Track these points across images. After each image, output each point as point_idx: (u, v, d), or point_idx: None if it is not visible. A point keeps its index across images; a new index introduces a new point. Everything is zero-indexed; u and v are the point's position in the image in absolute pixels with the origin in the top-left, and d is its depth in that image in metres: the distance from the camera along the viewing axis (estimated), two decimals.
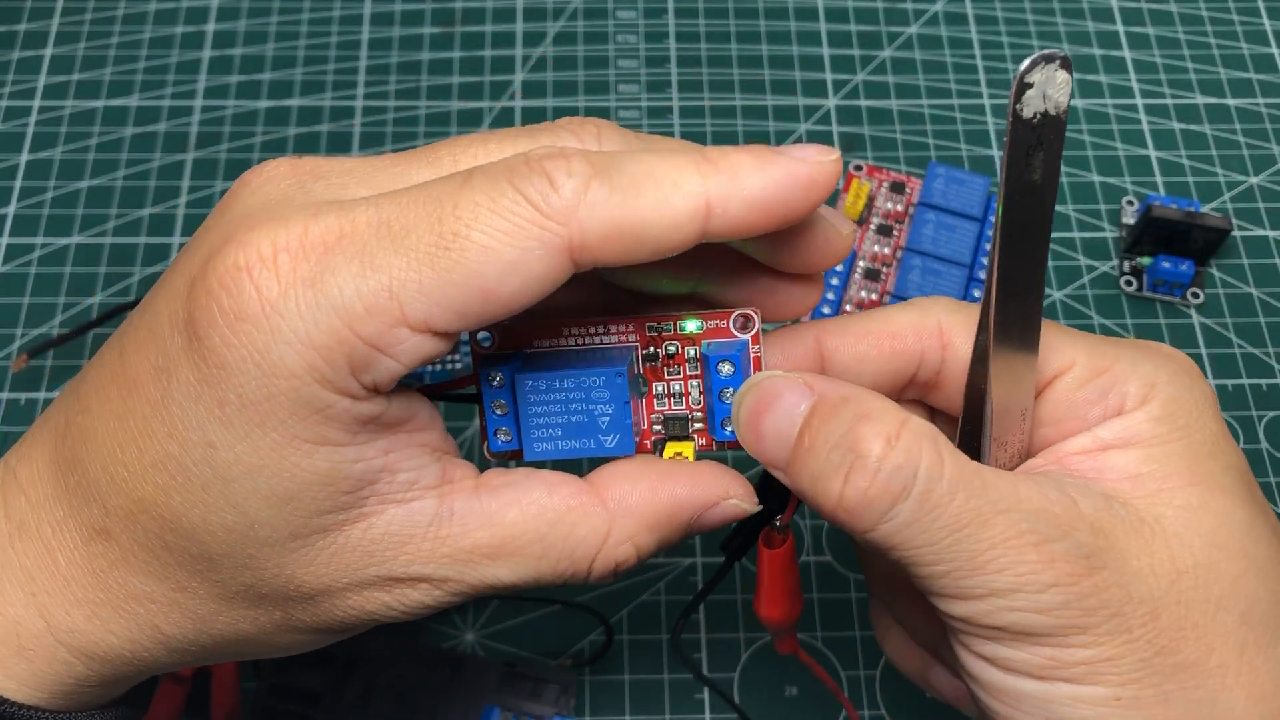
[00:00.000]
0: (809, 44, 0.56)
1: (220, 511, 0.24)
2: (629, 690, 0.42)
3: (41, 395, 0.46)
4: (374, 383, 0.23)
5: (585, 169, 0.22)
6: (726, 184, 0.23)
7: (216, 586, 0.25)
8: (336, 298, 0.22)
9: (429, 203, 0.23)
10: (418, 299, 0.22)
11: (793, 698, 0.42)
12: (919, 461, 0.23)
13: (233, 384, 0.23)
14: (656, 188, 0.23)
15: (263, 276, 0.22)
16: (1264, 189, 0.52)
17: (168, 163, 0.52)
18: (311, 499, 0.24)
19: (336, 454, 0.23)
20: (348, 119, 0.53)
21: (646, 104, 0.54)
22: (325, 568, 0.25)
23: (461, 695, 0.40)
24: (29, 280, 0.49)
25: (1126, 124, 0.54)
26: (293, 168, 0.25)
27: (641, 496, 0.26)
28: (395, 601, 0.26)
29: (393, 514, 0.25)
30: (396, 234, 0.22)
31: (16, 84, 0.54)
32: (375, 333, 0.22)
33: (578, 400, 0.26)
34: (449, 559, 0.25)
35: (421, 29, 0.56)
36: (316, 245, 0.22)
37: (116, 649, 0.26)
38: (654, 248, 0.23)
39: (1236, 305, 0.49)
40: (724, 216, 0.23)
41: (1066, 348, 0.27)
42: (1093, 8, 0.57)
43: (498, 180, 0.22)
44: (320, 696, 0.40)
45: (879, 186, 0.50)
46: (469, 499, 0.25)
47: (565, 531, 0.26)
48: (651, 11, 0.57)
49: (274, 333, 0.22)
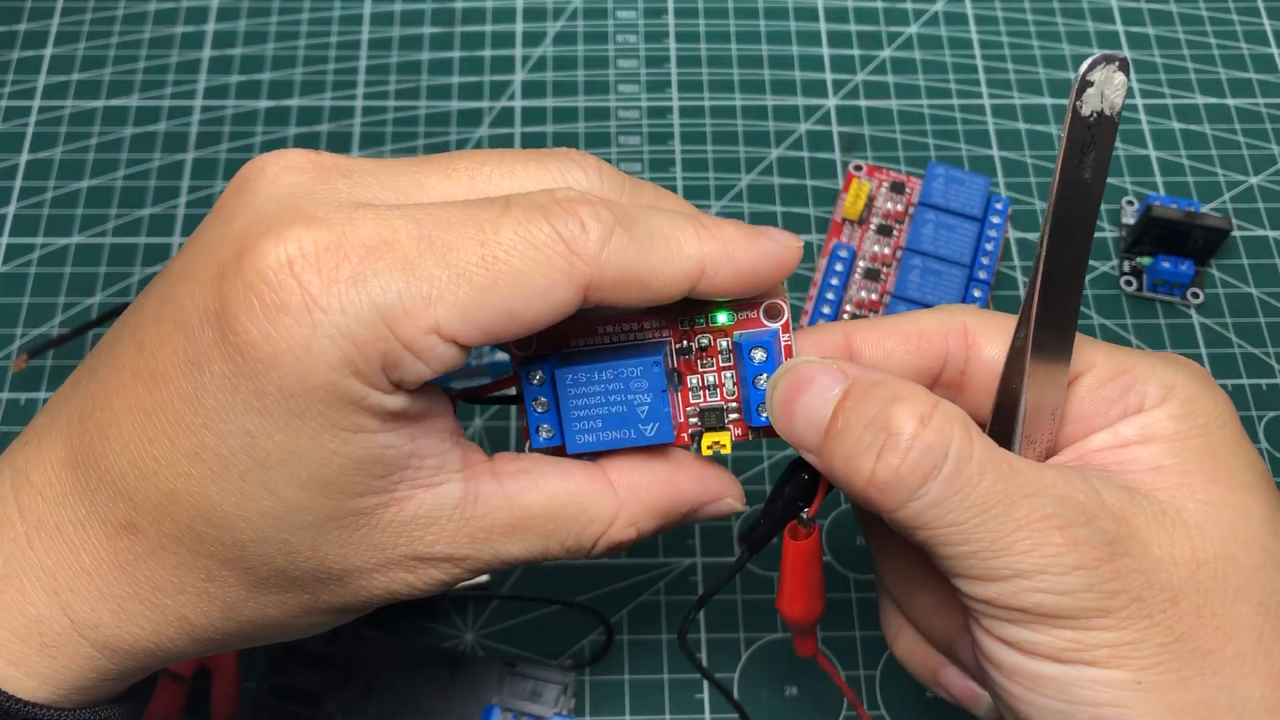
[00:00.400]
0: (809, 44, 0.56)
1: (258, 499, 0.25)
2: (629, 690, 0.42)
3: (41, 395, 0.46)
4: (400, 381, 0.25)
5: (610, 218, 0.25)
6: (718, 251, 0.26)
7: (248, 573, 0.26)
8: (380, 298, 0.23)
9: (471, 225, 0.24)
10: (453, 311, 0.24)
11: (793, 698, 0.42)
12: (950, 441, 0.25)
13: (272, 376, 0.24)
14: (665, 244, 0.26)
15: (306, 272, 0.23)
16: (1264, 189, 0.52)
17: (167, 163, 0.52)
18: (347, 482, 0.25)
19: (370, 440, 0.25)
20: (348, 119, 0.53)
21: (646, 104, 0.54)
22: (357, 548, 0.26)
23: (461, 695, 0.40)
24: (29, 280, 0.49)
25: (1126, 124, 0.54)
26: (312, 161, 0.27)
27: (650, 485, 0.28)
28: (418, 580, 0.27)
29: (422, 497, 0.26)
30: (439, 249, 0.24)
31: (16, 84, 0.54)
32: (411, 336, 0.24)
33: (617, 391, 0.28)
34: (470, 538, 0.27)
35: (421, 29, 0.56)
36: (358, 247, 0.24)
37: (142, 641, 0.27)
38: (652, 295, 0.26)
39: (1236, 305, 0.49)
40: (712, 279, 0.26)
41: (1086, 350, 0.28)
42: (1092, 8, 0.57)
43: (534, 215, 0.25)
44: (320, 697, 0.40)
45: (879, 186, 0.50)
46: (491, 483, 0.27)
47: (577, 512, 0.27)
48: (651, 11, 0.57)
49: (316, 326, 0.23)
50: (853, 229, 0.50)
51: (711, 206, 0.51)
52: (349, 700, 0.40)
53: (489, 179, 0.27)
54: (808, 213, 0.51)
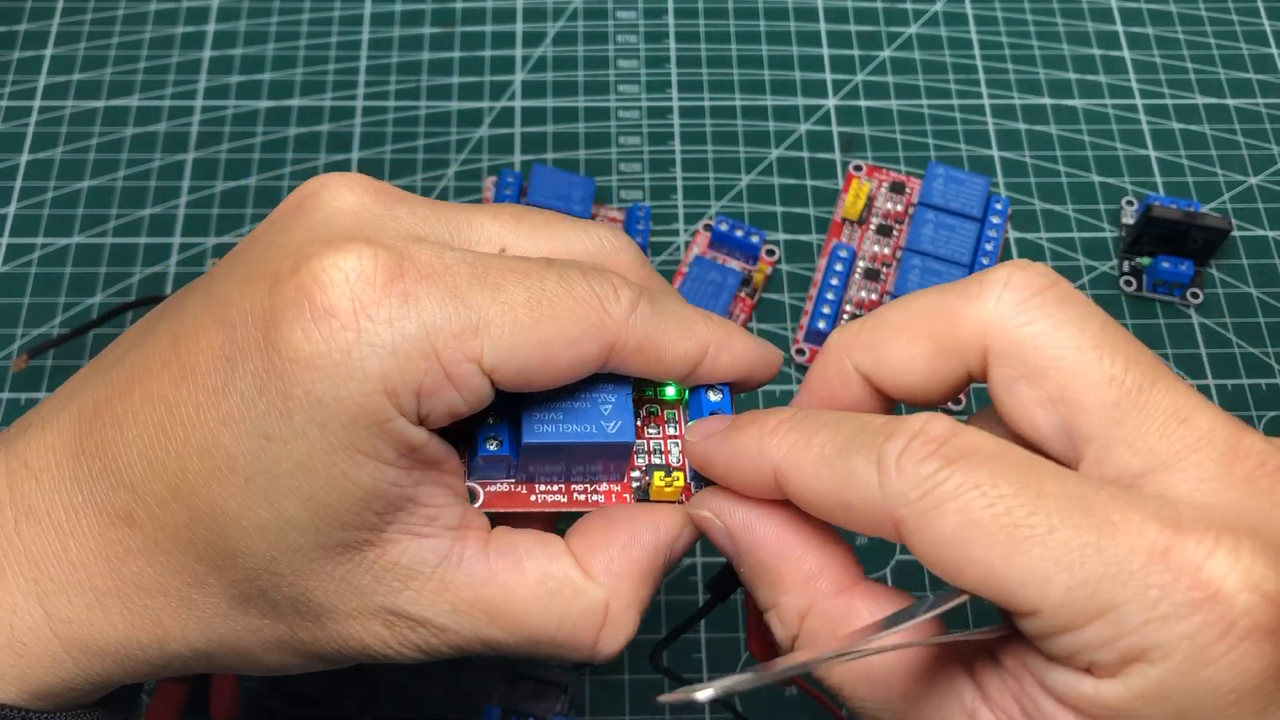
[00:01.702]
0: (809, 44, 0.56)
1: (256, 507, 0.24)
2: (629, 690, 0.42)
3: (41, 395, 0.46)
4: (430, 412, 0.24)
5: (638, 290, 0.27)
6: (723, 337, 0.28)
7: (232, 587, 0.25)
8: (430, 318, 0.24)
9: (519, 271, 0.26)
10: (497, 343, 0.24)
11: (793, 698, 0.42)
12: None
13: (305, 379, 0.23)
14: (680, 322, 0.27)
15: (360, 284, 0.24)
16: (1263, 189, 0.52)
17: (168, 163, 0.52)
18: (346, 510, 0.24)
19: (380, 471, 0.24)
20: (348, 119, 0.53)
21: (646, 104, 0.54)
22: (337, 585, 0.25)
23: (462, 696, 0.40)
24: (29, 280, 0.49)
25: (1126, 124, 0.54)
26: (374, 186, 0.27)
27: (622, 557, 0.28)
28: (393, 639, 0.26)
29: (406, 545, 0.26)
30: (491, 284, 0.25)
31: (17, 84, 0.54)
32: (453, 360, 0.24)
33: (582, 396, 0.28)
34: (450, 608, 0.26)
35: (421, 29, 0.56)
36: (413, 271, 0.24)
37: (112, 643, 0.26)
38: (664, 367, 0.27)
39: (1236, 305, 0.49)
40: (714, 360, 0.28)
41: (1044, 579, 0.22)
42: (1092, 8, 0.57)
43: (574, 272, 0.26)
44: (320, 697, 0.40)
45: (879, 186, 0.51)
46: (478, 551, 0.27)
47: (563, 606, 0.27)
48: (651, 11, 0.57)
49: (361, 333, 0.23)
50: (853, 229, 0.50)
51: (711, 206, 0.51)
52: (349, 701, 0.40)
53: (533, 223, 0.28)
54: (808, 213, 0.51)
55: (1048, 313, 0.24)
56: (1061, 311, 0.24)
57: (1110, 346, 0.24)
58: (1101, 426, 0.23)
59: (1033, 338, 0.24)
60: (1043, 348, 0.24)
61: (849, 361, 0.27)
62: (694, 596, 0.43)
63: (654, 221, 0.50)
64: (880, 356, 0.26)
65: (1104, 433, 0.23)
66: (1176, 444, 0.23)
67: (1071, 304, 0.24)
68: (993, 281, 0.25)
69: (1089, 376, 0.23)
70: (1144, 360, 0.24)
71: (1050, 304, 0.24)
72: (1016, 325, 0.24)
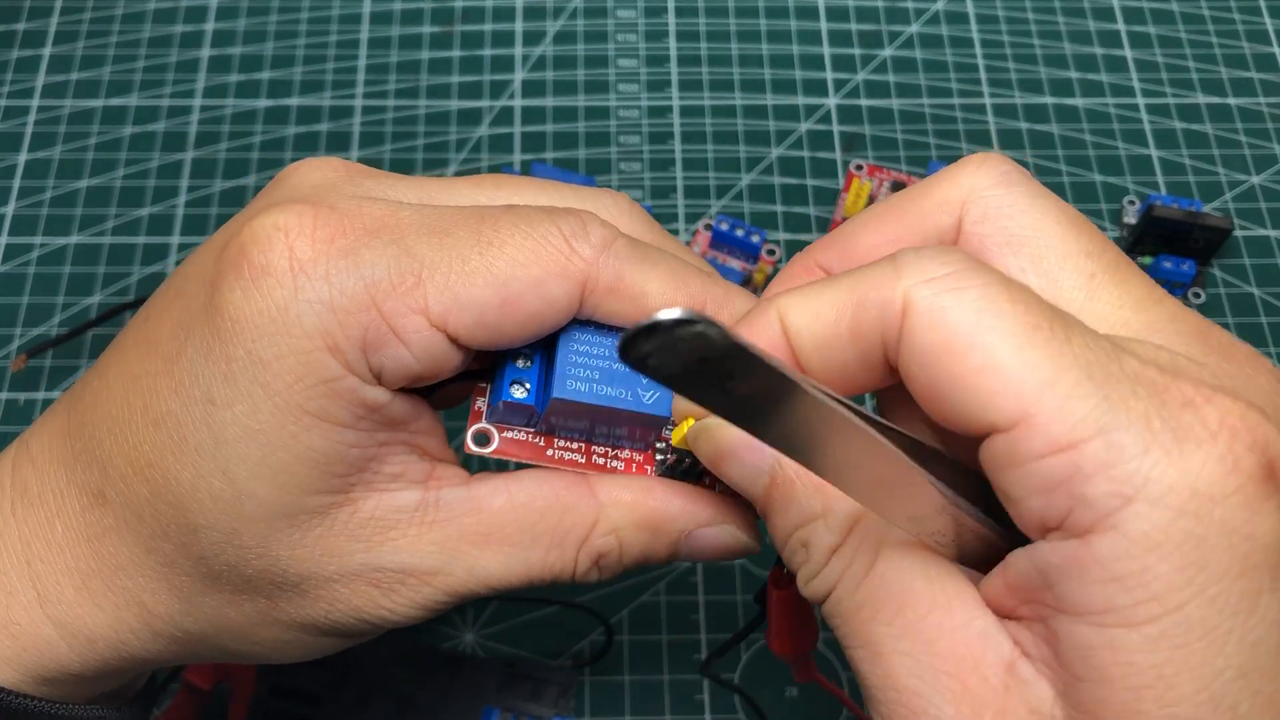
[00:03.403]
0: (809, 43, 0.56)
1: (209, 477, 0.24)
2: (629, 690, 0.41)
3: (41, 395, 0.46)
4: (381, 368, 0.24)
5: (615, 231, 0.25)
6: (722, 296, 0.26)
7: (201, 563, 0.25)
8: (368, 270, 0.23)
9: (472, 215, 0.24)
10: (444, 291, 0.23)
11: (793, 698, 0.41)
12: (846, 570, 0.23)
13: (244, 339, 0.23)
14: (668, 267, 0.25)
15: (298, 239, 0.23)
16: (1265, 188, 0.52)
17: (167, 162, 0.52)
18: (304, 476, 0.24)
19: (335, 433, 0.24)
20: (347, 118, 0.53)
21: (646, 104, 0.54)
22: (310, 552, 0.25)
23: (461, 696, 0.40)
24: (28, 280, 0.49)
25: (1128, 123, 0.54)
26: (346, 165, 0.27)
27: (635, 494, 0.26)
28: (384, 597, 0.26)
29: (378, 500, 0.25)
30: (436, 231, 0.24)
31: (15, 83, 0.54)
32: (395, 311, 0.23)
33: None
34: (436, 546, 0.25)
35: (421, 28, 0.56)
36: (358, 227, 0.24)
37: (101, 626, 0.26)
38: None
39: (1238, 305, 0.49)
40: (714, 313, 0.25)
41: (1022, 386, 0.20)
42: (1094, 7, 0.57)
43: (537, 213, 0.24)
44: (320, 697, 0.40)
45: (879, 186, 0.50)
46: (457, 489, 0.26)
47: (554, 521, 0.26)
48: (651, 11, 0.57)
49: (297, 290, 0.23)
50: None
51: (712, 206, 0.51)
52: (348, 701, 0.40)
53: (515, 186, 0.27)
54: (808, 212, 0.51)
55: (1025, 189, 0.24)
56: (1039, 190, 0.24)
57: (1087, 228, 0.24)
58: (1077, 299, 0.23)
59: (1010, 207, 0.24)
60: (1021, 216, 0.24)
61: (814, 259, 0.26)
62: (692, 596, 0.43)
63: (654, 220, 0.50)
64: (848, 249, 0.25)
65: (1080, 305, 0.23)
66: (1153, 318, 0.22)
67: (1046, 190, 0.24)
68: (967, 162, 0.25)
69: (1067, 247, 0.23)
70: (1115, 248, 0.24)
71: (1028, 181, 0.24)
72: (996, 194, 0.24)
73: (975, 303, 0.20)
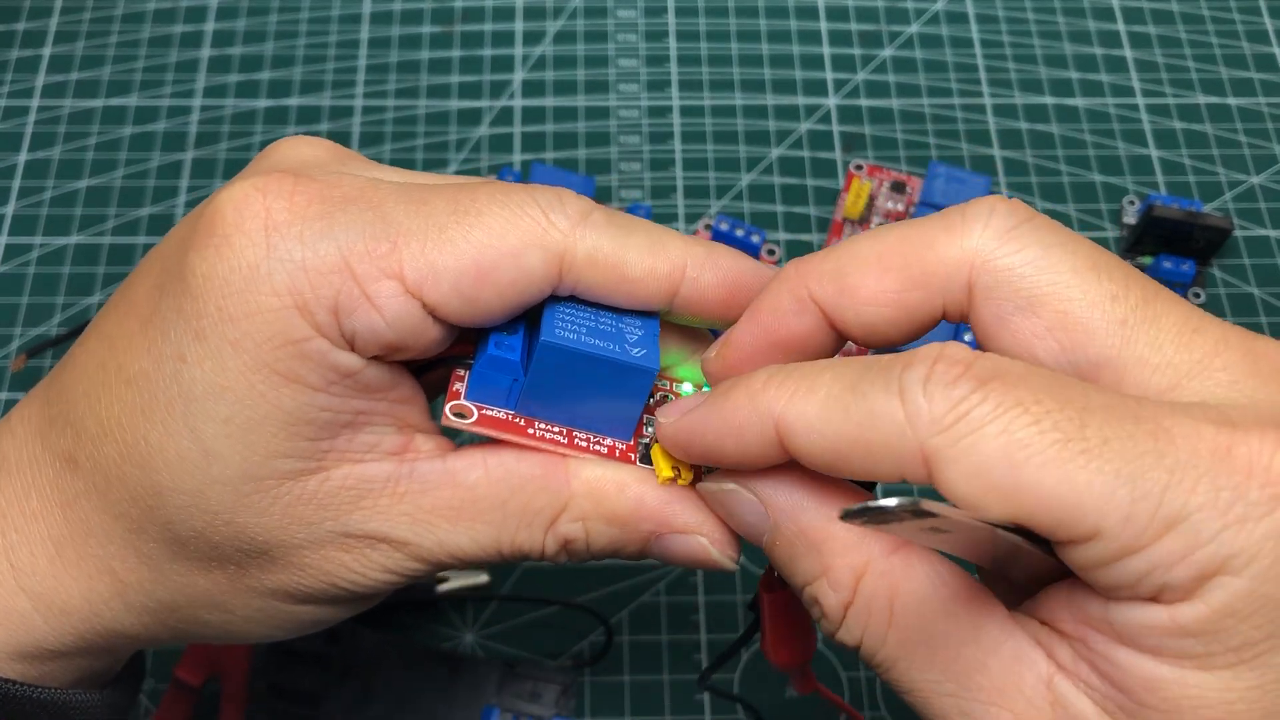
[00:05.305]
0: (809, 43, 0.56)
1: (178, 435, 0.24)
2: (629, 691, 0.41)
3: None
4: (353, 333, 0.23)
5: (590, 202, 0.25)
6: (704, 254, 0.25)
7: (167, 528, 0.25)
8: (342, 233, 0.23)
9: (450, 187, 0.25)
10: (419, 257, 0.23)
11: (793, 698, 0.41)
12: (865, 626, 0.23)
13: (215, 295, 0.23)
14: (646, 235, 0.25)
15: (275, 202, 0.23)
16: (1265, 189, 0.52)
17: (166, 162, 0.52)
18: (271, 437, 0.24)
19: (304, 395, 0.24)
20: (347, 118, 0.53)
21: (646, 104, 0.54)
22: (279, 519, 0.25)
23: (461, 696, 0.40)
24: (28, 280, 0.49)
25: (1128, 123, 0.54)
26: (333, 145, 0.27)
27: (609, 485, 0.26)
28: (355, 563, 0.26)
29: (349, 470, 0.25)
30: (414, 200, 0.24)
31: (15, 83, 0.54)
32: (369, 275, 0.23)
33: (607, 319, 0.26)
34: (408, 517, 0.25)
35: (421, 28, 0.56)
36: (336, 195, 0.24)
37: (75, 597, 0.26)
38: (632, 287, 0.25)
39: (1238, 305, 0.49)
40: (696, 280, 0.25)
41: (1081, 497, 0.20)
42: (1094, 7, 0.57)
43: (515, 186, 0.25)
44: (319, 697, 0.39)
45: (880, 186, 0.50)
46: (433, 461, 0.26)
47: (525, 500, 0.25)
48: (651, 11, 0.57)
49: (270, 249, 0.23)
50: (854, 229, 0.50)
51: (712, 206, 0.51)
52: (348, 701, 0.40)
53: None
54: (808, 212, 0.51)
55: (1037, 238, 0.22)
56: (1050, 236, 0.23)
57: (1106, 266, 0.22)
58: (1113, 347, 0.22)
59: (1025, 264, 0.22)
60: (1037, 274, 0.22)
61: (807, 289, 0.24)
62: (692, 597, 0.43)
63: (654, 221, 0.50)
64: (846, 288, 0.24)
65: (1117, 353, 0.22)
66: (1196, 352, 0.21)
67: (1057, 230, 0.23)
68: (976, 212, 0.23)
69: (1090, 296, 0.22)
70: (1140, 277, 0.22)
71: (1038, 230, 0.23)
72: (1006, 254, 0.22)
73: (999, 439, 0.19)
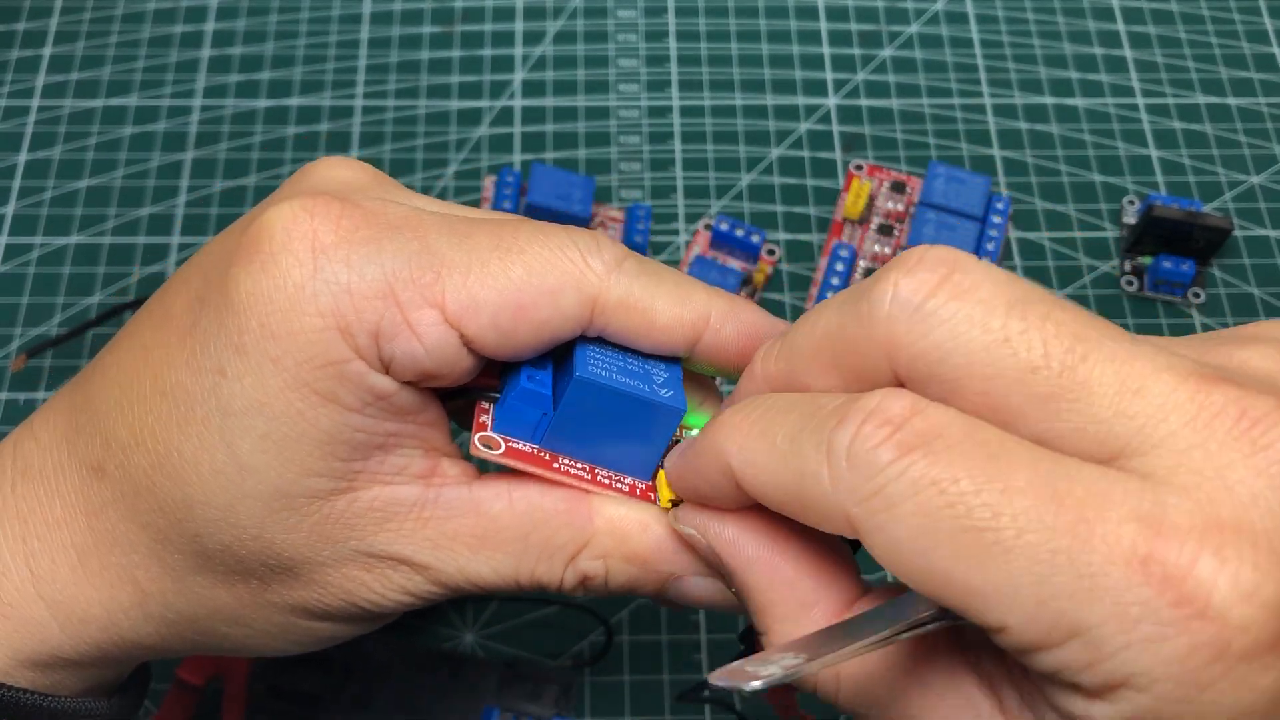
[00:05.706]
0: (809, 43, 0.56)
1: (212, 448, 0.24)
2: (629, 691, 0.42)
3: (41, 395, 0.46)
4: (392, 358, 0.24)
5: (624, 249, 0.26)
6: (726, 306, 0.26)
7: (194, 541, 0.25)
8: (389, 260, 0.24)
9: (491, 222, 0.25)
10: (461, 289, 0.24)
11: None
12: None
13: (259, 312, 0.23)
14: (675, 286, 0.26)
15: (322, 224, 0.24)
16: (1265, 189, 0.52)
17: (167, 162, 0.52)
18: (307, 455, 0.24)
19: (340, 415, 0.24)
20: (347, 118, 0.53)
21: (646, 104, 0.54)
22: (306, 537, 0.25)
23: (461, 696, 0.40)
24: (28, 280, 0.49)
25: (1127, 123, 0.54)
26: (374, 171, 0.28)
27: (631, 524, 0.26)
28: (376, 583, 0.26)
29: (378, 492, 0.25)
30: (458, 233, 0.25)
31: (15, 83, 0.54)
32: (411, 302, 0.24)
33: (634, 364, 0.26)
34: (431, 542, 0.26)
35: (421, 28, 0.56)
36: (382, 222, 0.24)
37: (95, 605, 0.26)
38: (658, 333, 0.26)
39: (1238, 305, 0.49)
40: (718, 331, 0.26)
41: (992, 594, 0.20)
42: (1094, 7, 0.57)
43: (555, 226, 0.26)
44: (319, 698, 0.40)
45: (879, 186, 0.50)
46: (459, 488, 0.26)
47: (548, 534, 0.26)
48: (651, 11, 0.57)
49: (316, 270, 0.23)
50: (853, 229, 0.50)
51: (712, 206, 0.51)
52: (348, 702, 0.40)
53: None
54: (808, 212, 0.51)
55: (945, 315, 0.21)
56: (960, 310, 0.21)
57: (1021, 333, 0.20)
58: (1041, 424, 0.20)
59: (934, 349, 0.21)
60: (947, 358, 0.20)
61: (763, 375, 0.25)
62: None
63: (654, 221, 0.50)
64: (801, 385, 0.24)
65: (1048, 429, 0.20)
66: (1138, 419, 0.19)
67: (969, 295, 0.21)
68: (879, 296, 0.21)
69: (1006, 375, 0.20)
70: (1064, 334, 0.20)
71: (946, 304, 0.21)
72: (914, 340, 0.21)
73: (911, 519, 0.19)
